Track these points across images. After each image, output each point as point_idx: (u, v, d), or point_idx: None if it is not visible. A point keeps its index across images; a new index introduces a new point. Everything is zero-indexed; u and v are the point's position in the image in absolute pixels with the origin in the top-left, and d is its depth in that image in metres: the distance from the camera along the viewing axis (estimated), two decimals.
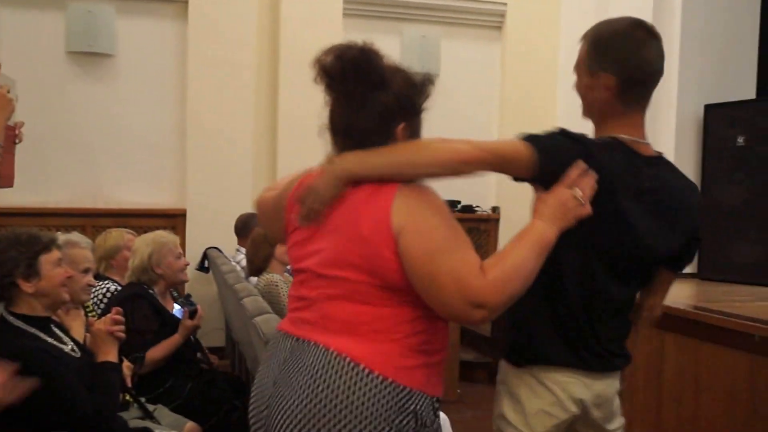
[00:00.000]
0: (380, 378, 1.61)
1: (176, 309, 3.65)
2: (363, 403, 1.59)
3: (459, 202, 6.91)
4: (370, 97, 1.67)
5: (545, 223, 1.70)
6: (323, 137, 1.74)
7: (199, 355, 3.79)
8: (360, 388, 1.60)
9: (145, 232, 5.93)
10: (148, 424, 2.90)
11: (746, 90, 5.65)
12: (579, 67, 1.91)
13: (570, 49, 7.50)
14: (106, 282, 3.82)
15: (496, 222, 7.07)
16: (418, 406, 1.64)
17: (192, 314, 3.51)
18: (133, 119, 6.22)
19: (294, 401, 1.62)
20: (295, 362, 1.67)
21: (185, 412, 3.23)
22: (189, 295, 3.96)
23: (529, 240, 1.67)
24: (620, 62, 1.82)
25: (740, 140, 5.17)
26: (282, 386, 1.66)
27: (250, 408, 1.77)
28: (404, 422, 1.62)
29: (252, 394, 1.78)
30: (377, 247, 1.59)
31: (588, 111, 1.95)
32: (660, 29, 6.43)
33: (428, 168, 1.67)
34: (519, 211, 7.16)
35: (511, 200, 7.00)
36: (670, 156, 6.21)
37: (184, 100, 6.20)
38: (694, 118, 5.57)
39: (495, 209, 7.10)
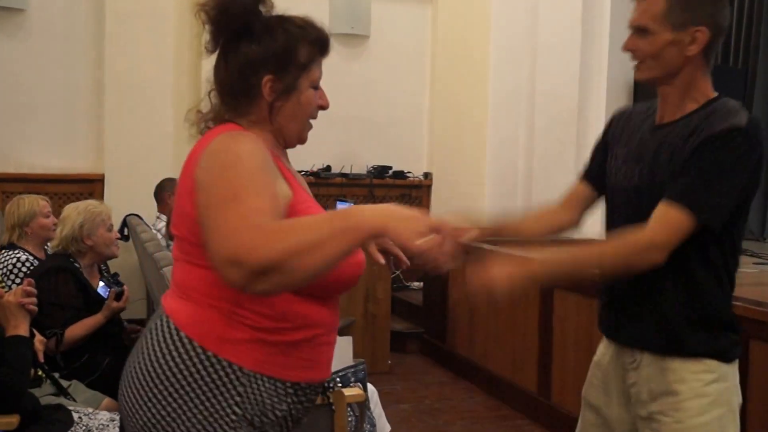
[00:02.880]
0: (200, 349, 1.50)
1: (101, 287, 3.53)
2: (183, 375, 1.50)
3: (390, 168, 6.92)
4: (233, 47, 1.59)
5: (371, 211, 1.35)
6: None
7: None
8: (180, 357, 1.50)
9: (61, 198, 5.76)
10: (61, 400, 2.81)
11: None
12: (654, 22, 1.79)
13: (502, 11, 7.58)
14: (16, 252, 3.63)
15: (428, 188, 7.10)
16: (251, 390, 1.51)
17: (119, 296, 3.40)
18: (47, 78, 5.98)
19: (133, 366, 1.57)
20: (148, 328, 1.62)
21: (102, 387, 3.12)
22: (117, 275, 3.82)
23: (335, 216, 1.37)
24: (713, 15, 1.79)
25: None
26: (133, 352, 1.61)
27: None
28: (227, 403, 1.50)
29: None
30: (184, 200, 1.53)
31: (661, 70, 1.84)
32: None
33: (616, 269, 1.78)
34: (451, 178, 7.25)
35: (443, 166, 7.01)
36: (600, 118, 6.28)
37: (102, 58, 6.01)
38: (625, 84, 5.68)
39: (427, 175, 7.12)
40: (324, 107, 1.67)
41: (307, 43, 1.60)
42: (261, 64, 1.57)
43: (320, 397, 2.41)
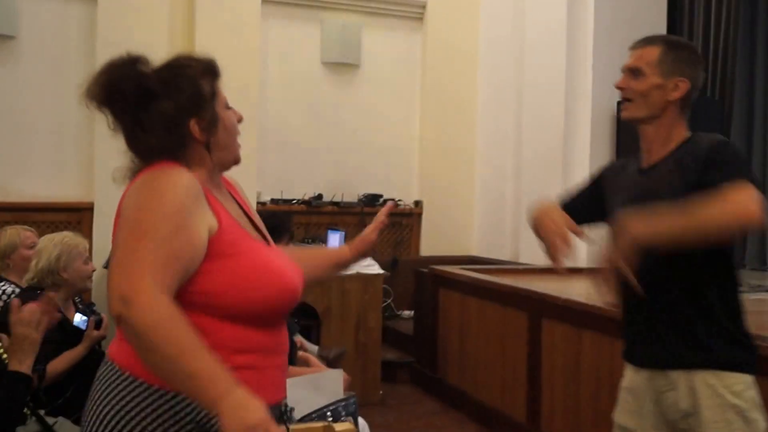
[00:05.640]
0: (145, 385, 1.54)
1: (79, 319, 3.44)
2: (135, 412, 1.53)
3: (381, 196, 6.87)
4: (145, 114, 1.63)
5: (232, 388, 1.38)
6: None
7: None
8: (129, 397, 1.54)
9: (49, 227, 5.68)
10: None
11: None
12: (648, 66, 2.13)
13: (490, 41, 7.70)
14: (2, 284, 3.57)
15: (418, 216, 7.06)
16: (201, 415, 1.54)
17: (98, 324, 3.35)
18: (37, 105, 5.92)
19: (86, 411, 1.61)
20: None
21: None
22: (92, 304, 3.74)
23: (213, 377, 1.39)
24: (694, 72, 2.15)
25: None
26: (88, 404, 1.64)
27: None
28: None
29: None
30: (114, 235, 1.59)
31: (647, 110, 2.14)
32: (573, 24, 6.69)
33: (720, 230, 1.86)
34: (441, 205, 7.24)
35: (433, 194, 6.99)
36: (585, 146, 6.40)
37: None
38: (608, 110, 5.76)
39: (417, 203, 7.09)
40: (240, 120, 1.76)
41: (202, 74, 1.67)
42: (181, 114, 1.63)
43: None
